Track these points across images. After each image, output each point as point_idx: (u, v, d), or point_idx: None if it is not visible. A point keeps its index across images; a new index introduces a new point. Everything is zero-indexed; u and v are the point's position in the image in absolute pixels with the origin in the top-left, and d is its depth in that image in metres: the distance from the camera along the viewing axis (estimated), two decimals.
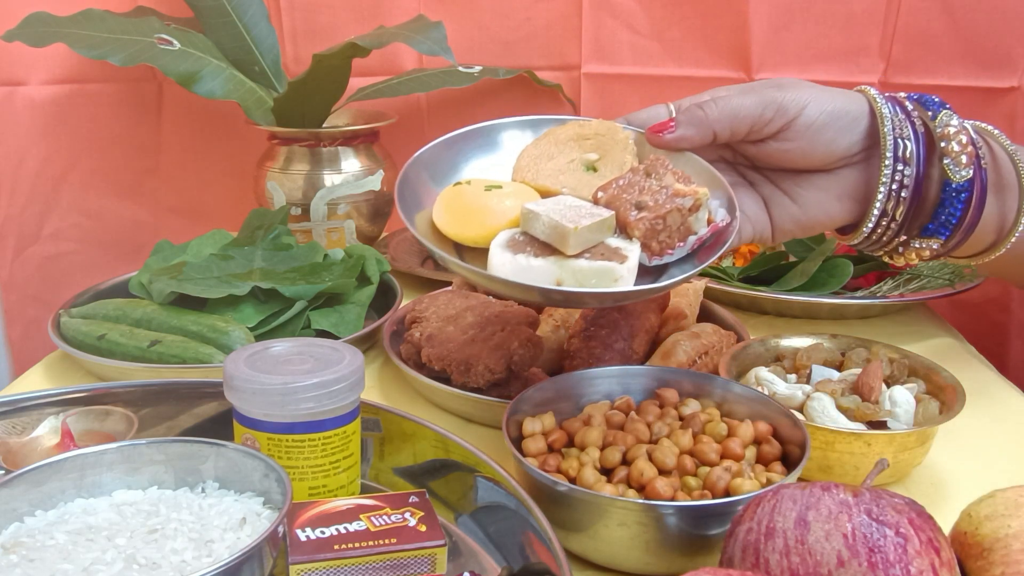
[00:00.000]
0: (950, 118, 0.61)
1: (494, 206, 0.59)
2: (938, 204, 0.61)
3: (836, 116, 0.61)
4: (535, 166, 0.63)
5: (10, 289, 1.07)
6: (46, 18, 0.94)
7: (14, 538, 0.45)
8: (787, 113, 0.60)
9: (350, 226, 1.01)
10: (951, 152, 0.60)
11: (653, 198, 0.57)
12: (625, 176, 0.59)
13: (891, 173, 0.61)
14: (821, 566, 0.40)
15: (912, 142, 0.61)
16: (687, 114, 0.61)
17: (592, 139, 0.63)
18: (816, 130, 0.61)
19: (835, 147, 0.61)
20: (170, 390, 0.63)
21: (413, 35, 0.94)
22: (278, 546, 0.45)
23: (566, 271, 0.55)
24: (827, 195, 0.63)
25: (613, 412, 0.58)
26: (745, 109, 0.60)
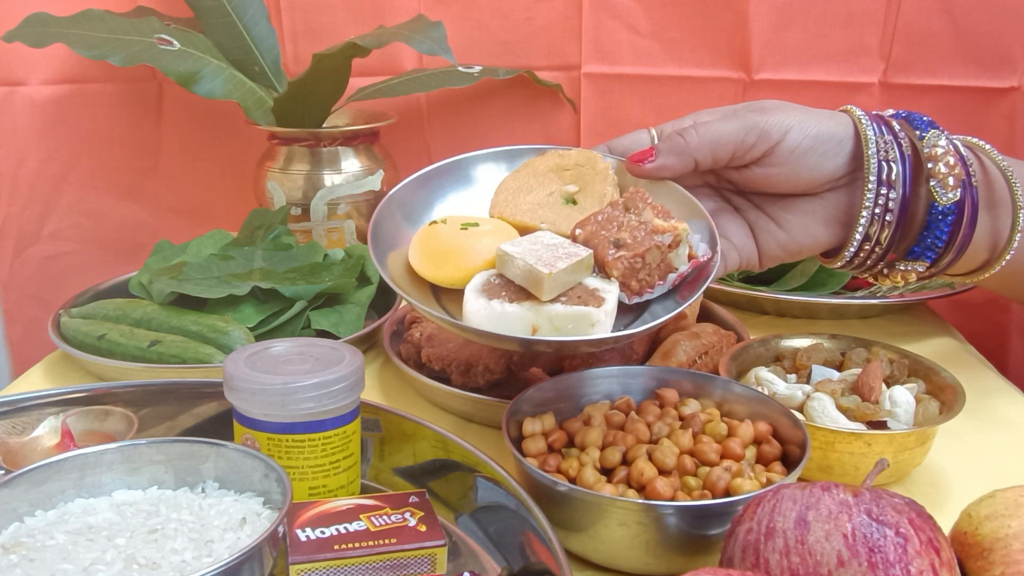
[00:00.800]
0: (937, 138, 0.60)
1: (470, 246, 0.57)
2: (924, 227, 0.60)
3: (820, 140, 0.60)
4: (513, 200, 0.61)
5: (10, 289, 1.07)
6: (46, 18, 0.94)
7: (14, 538, 0.45)
8: (770, 138, 0.59)
9: (350, 226, 1.01)
10: (938, 174, 0.59)
11: (632, 235, 0.56)
12: (604, 211, 0.58)
13: (874, 197, 0.60)
14: (821, 566, 0.40)
15: (898, 164, 0.60)
16: (667, 142, 0.60)
17: (572, 170, 0.62)
18: (800, 155, 0.60)
19: (820, 171, 0.60)
20: (170, 390, 0.63)
21: (413, 35, 0.94)
22: (278, 546, 0.45)
23: (542, 317, 0.53)
24: (813, 219, 0.62)
25: (613, 412, 0.58)
26: (727, 135, 0.59)
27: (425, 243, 0.59)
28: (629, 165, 0.61)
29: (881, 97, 1.01)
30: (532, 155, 0.64)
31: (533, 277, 0.53)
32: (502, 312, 0.53)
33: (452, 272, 0.57)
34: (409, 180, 0.63)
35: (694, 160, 0.60)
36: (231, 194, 1.15)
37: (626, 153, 0.62)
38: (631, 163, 0.61)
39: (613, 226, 0.57)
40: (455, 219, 0.60)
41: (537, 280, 0.53)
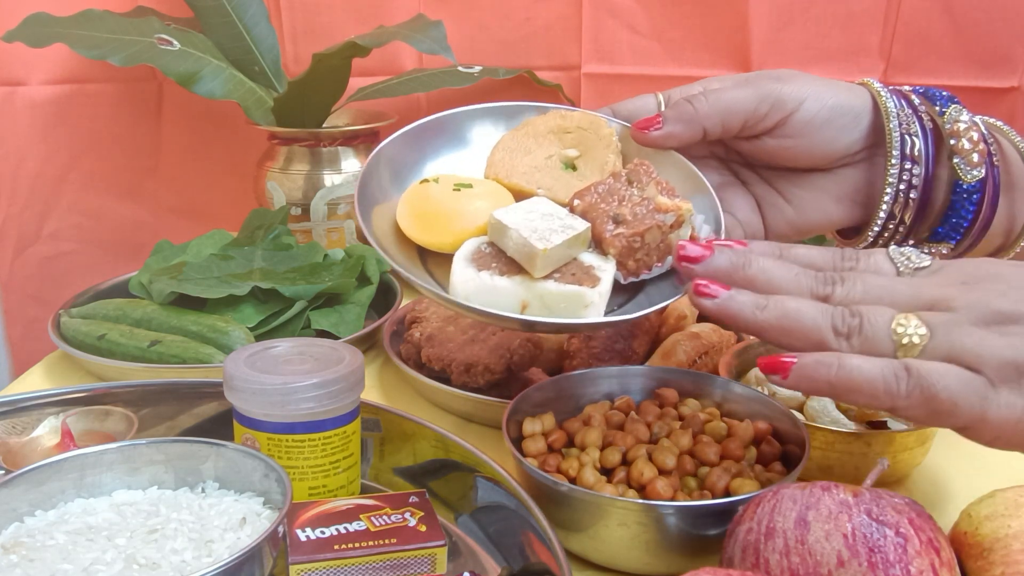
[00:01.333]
0: (959, 113, 0.57)
1: (463, 208, 0.54)
2: (948, 206, 0.57)
3: (837, 112, 0.57)
4: (510, 161, 0.58)
5: (10, 289, 1.07)
6: (46, 19, 0.94)
7: (14, 538, 0.45)
8: (784, 107, 0.56)
9: (350, 226, 1.01)
10: (961, 150, 0.56)
11: (632, 211, 0.53)
12: (605, 182, 0.55)
13: (898, 173, 0.57)
14: (821, 566, 0.40)
15: (920, 139, 0.57)
16: (675, 109, 0.57)
17: (573, 132, 0.59)
18: (815, 127, 0.57)
19: (836, 145, 0.58)
20: (170, 390, 0.63)
21: (413, 34, 0.94)
22: (278, 546, 0.45)
23: (533, 294, 0.51)
24: (825, 196, 0.60)
25: (613, 412, 0.58)
26: (739, 103, 0.56)
27: (414, 203, 0.56)
28: (634, 132, 0.58)
29: None
30: (532, 113, 0.61)
31: (526, 251, 0.50)
32: (491, 286, 0.51)
33: (442, 236, 0.55)
34: (400, 134, 0.59)
35: (703, 129, 0.57)
36: (231, 194, 1.15)
37: (631, 118, 0.59)
38: (636, 130, 0.58)
39: (614, 200, 0.54)
40: (447, 178, 0.57)
41: (531, 255, 0.50)
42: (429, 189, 0.56)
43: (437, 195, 0.55)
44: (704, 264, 0.48)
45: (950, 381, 0.41)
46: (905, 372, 0.41)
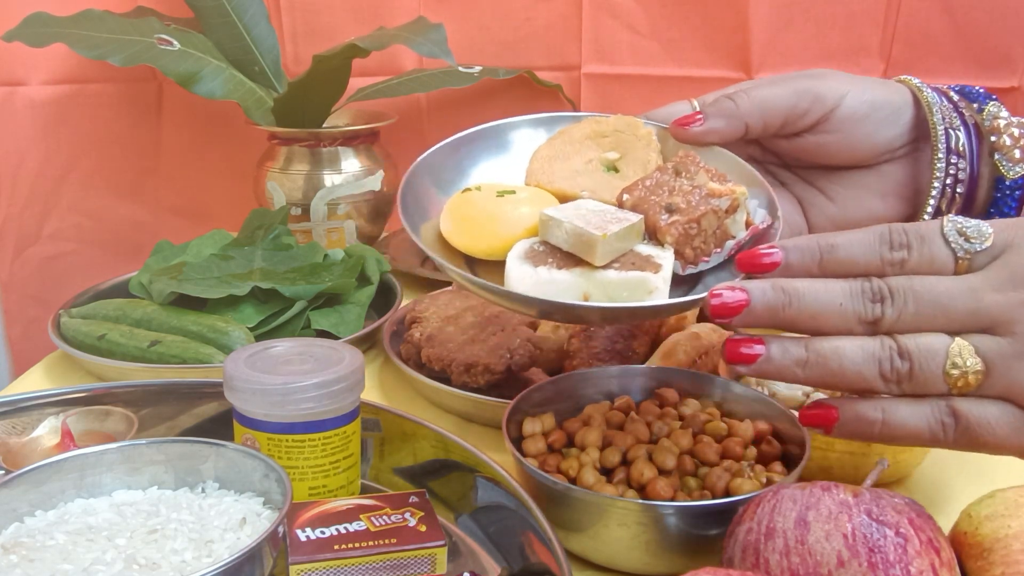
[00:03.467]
0: (999, 110, 0.57)
1: (508, 214, 0.54)
2: (991, 203, 0.57)
3: (877, 106, 0.57)
4: (549, 168, 0.58)
5: (10, 289, 1.07)
6: (46, 18, 0.94)
7: (14, 538, 0.45)
8: (825, 103, 0.56)
9: (350, 226, 1.01)
10: (1002, 146, 0.55)
11: (685, 199, 0.52)
12: (652, 176, 0.55)
13: (944, 167, 0.56)
14: (821, 566, 0.40)
15: (963, 134, 0.56)
16: (716, 106, 0.57)
17: (610, 136, 0.59)
18: (856, 121, 0.56)
19: (877, 139, 0.57)
20: (170, 390, 0.63)
21: (413, 37, 0.94)
22: (278, 546, 0.45)
23: (594, 284, 0.50)
24: (869, 192, 0.59)
25: (613, 412, 0.58)
26: (779, 99, 0.56)
27: (459, 211, 0.55)
28: (674, 129, 0.57)
29: None
30: (568, 122, 0.61)
31: (584, 241, 0.50)
32: (550, 279, 0.50)
33: (490, 242, 0.54)
34: (441, 145, 0.60)
35: (744, 125, 0.56)
36: (231, 194, 1.15)
37: (666, 123, 0.58)
38: (676, 127, 0.57)
39: (663, 191, 0.54)
40: (490, 186, 0.56)
41: (589, 243, 0.49)
42: (473, 197, 0.55)
43: (481, 202, 0.55)
44: (742, 316, 0.45)
45: (999, 429, 0.40)
46: (952, 419, 0.41)
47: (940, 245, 0.43)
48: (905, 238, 0.44)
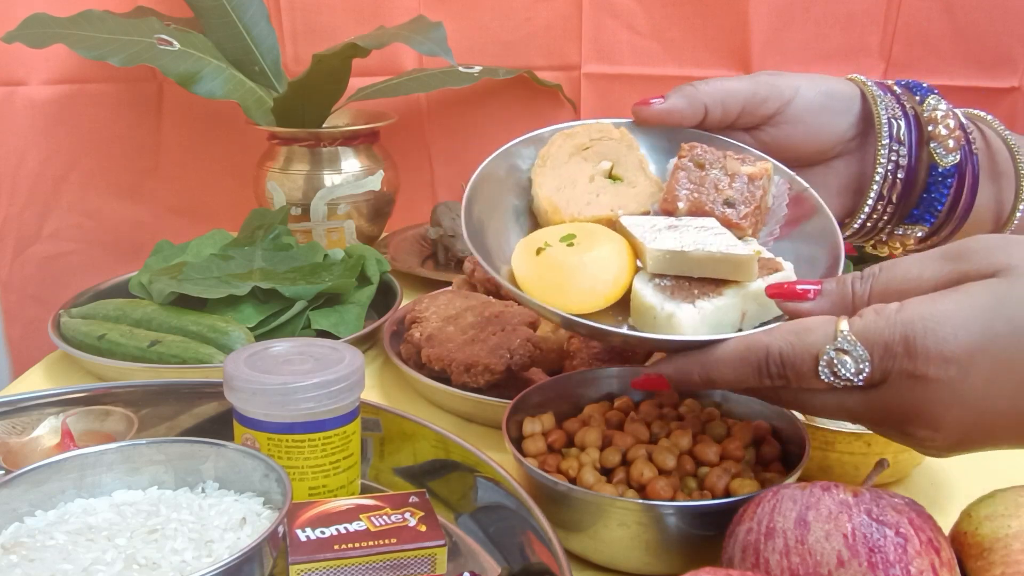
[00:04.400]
0: (938, 102, 0.60)
1: (589, 266, 0.52)
2: (924, 189, 0.60)
3: (831, 96, 0.60)
4: (565, 201, 0.57)
5: (10, 289, 1.07)
6: (46, 19, 0.94)
7: (14, 538, 0.45)
8: (782, 94, 0.58)
9: (350, 226, 1.01)
10: (938, 136, 0.59)
11: (737, 190, 0.55)
12: (677, 177, 0.56)
13: (887, 153, 0.59)
14: (821, 566, 0.40)
15: (903, 123, 0.60)
16: (676, 89, 0.59)
17: (591, 147, 0.60)
18: (813, 112, 0.59)
19: (832, 130, 0.60)
20: (170, 390, 0.63)
21: (413, 35, 0.94)
22: (278, 546, 0.45)
23: (748, 299, 0.50)
24: (825, 191, 0.61)
25: (613, 412, 0.58)
26: (737, 87, 0.58)
27: (542, 274, 0.53)
28: (636, 108, 0.59)
29: None
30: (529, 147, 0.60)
31: (733, 262, 0.50)
32: (713, 309, 0.49)
33: (589, 298, 0.52)
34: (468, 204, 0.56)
35: (704, 106, 0.58)
36: (231, 194, 1.15)
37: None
38: (638, 106, 0.59)
39: (708, 188, 0.55)
40: (551, 234, 0.54)
41: (739, 263, 0.49)
42: (550, 256, 0.53)
43: (560, 259, 0.53)
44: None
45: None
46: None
47: (814, 380, 0.45)
48: (781, 371, 0.45)
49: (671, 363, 0.49)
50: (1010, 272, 0.41)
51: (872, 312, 0.43)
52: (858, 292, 0.46)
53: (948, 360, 0.41)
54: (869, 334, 0.43)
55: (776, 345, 0.45)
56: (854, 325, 0.43)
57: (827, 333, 0.44)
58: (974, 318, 0.41)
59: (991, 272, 0.42)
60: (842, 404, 0.45)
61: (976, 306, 0.41)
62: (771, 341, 0.45)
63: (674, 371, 0.49)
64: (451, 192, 1.15)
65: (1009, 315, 0.40)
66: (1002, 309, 0.40)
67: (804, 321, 0.46)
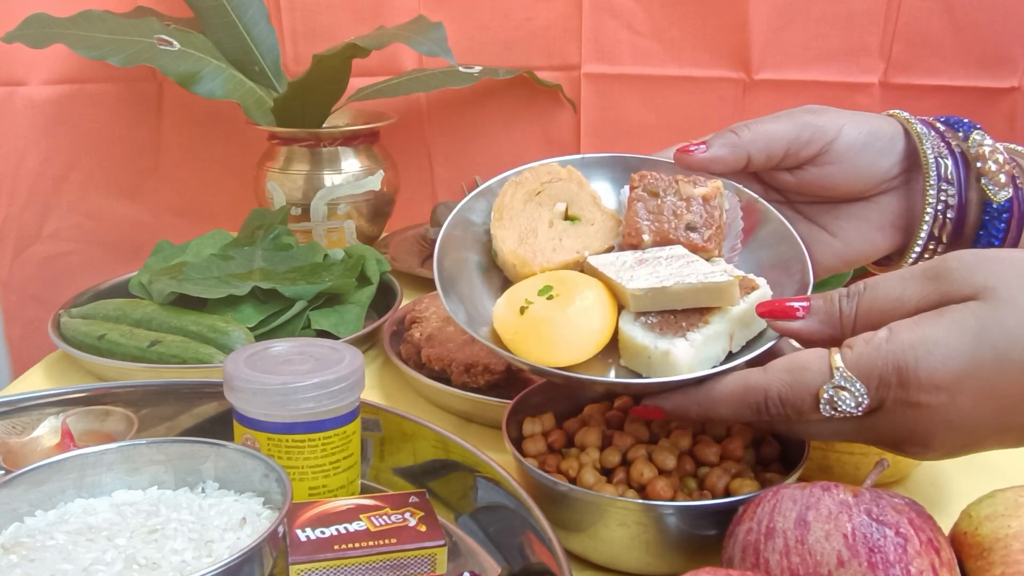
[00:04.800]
0: (983, 138, 0.58)
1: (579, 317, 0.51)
2: (980, 226, 0.58)
3: (874, 136, 0.58)
4: (531, 251, 0.56)
5: (10, 289, 1.07)
6: (46, 19, 0.94)
7: (14, 538, 0.45)
8: (825, 135, 0.57)
9: (350, 226, 1.01)
10: (989, 172, 0.57)
11: (696, 215, 0.55)
12: (634, 209, 0.56)
13: (936, 193, 0.58)
14: (821, 566, 0.40)
15: (950, 161, 0.58)
16: (719, 135, 0.58)
17: (543, 190, 0.59)
18: (856, 152, 0.58)
19: (875, 169, 0.59)
20: (170, 390, 0.63)
21: (413, 36, 0.94)
22: (278, 546, 0.45)
23: (734, 322, 0.51)
24: (869, 225, 0.60)
25: (613, 412, 0.58)
26: (780, 132, 0.57)
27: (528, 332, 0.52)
28: (678, 156, 0.58)
29: (881, 97, 1.00)
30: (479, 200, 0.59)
31: (714, 290, 0.50)
32: (704, 341, 0.50)
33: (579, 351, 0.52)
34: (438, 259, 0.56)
35: (747, 155, 0.57)
36: (231, 194, 1.15)
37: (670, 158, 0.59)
38: (680, 154, 0.58)
39: (666, 215, 0.55)
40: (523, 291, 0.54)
41: (721, 290, 0.50)
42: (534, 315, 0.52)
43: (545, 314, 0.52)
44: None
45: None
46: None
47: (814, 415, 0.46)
48: (781, 410, 0.47)
49: (668, 400, 0.50)
50: (990, 295, 0.43)
51: (862, 343, 0.45)
52: (845, 311, 0.47)
53: (938, 387, 0.43)
54: (863, 367, 0.44)
55: (775, 387, 0.46)
56: (847, 358, 0.45)
57: (823, 371, 0.45)
58: (961, 346, 0.42)
59: (971, 293, 0.43)
60: (837, 431, 0.47)
61: (963, 332, 0.42)
62: (769, 383, 0.46)
63: (672, 407, 0.50)
64: (451, 192, 1.15)
65: (992, 341, 0.42)
66: (985, 335, 0.42)
67: (796, 358, 0.47)
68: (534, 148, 1.11)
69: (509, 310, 0.53)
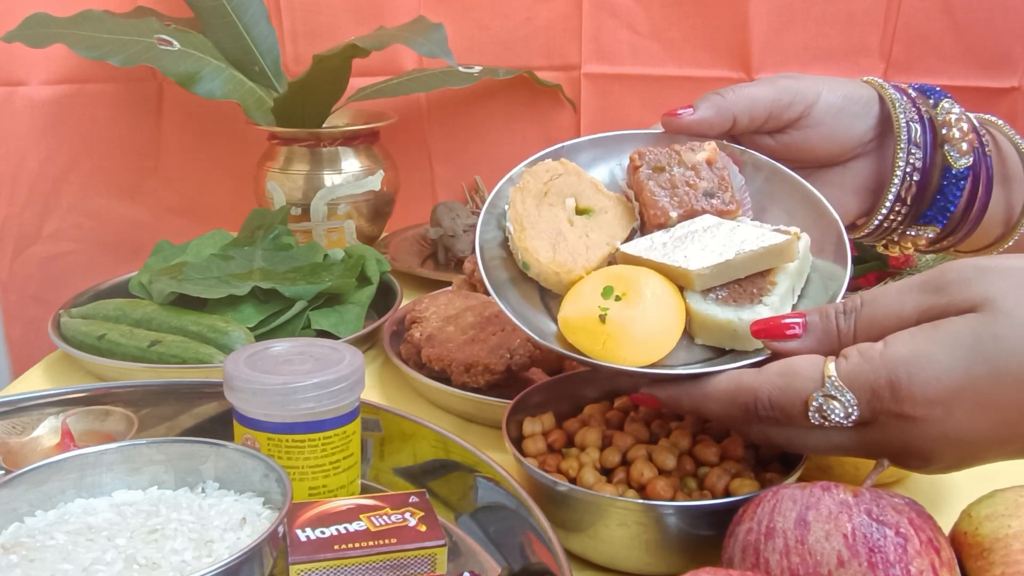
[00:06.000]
0: (952, 106, 0.61)
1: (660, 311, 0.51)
2: (938, 190, 0.61)
3: (850, 99, 0.60)
4: (569, 256, 0.55)
5: (10, 289, 1.07)
6: (46, 19, 0.94)
7: (14, 538, 0.45)
8: (806, 98, 0.59)
9: (350, 226, 1.01)
10: (952, 139, 0.60)
11: (708, 181, 0.56)
12: (651, 189, 0.56)
13: (905, 156, 0.60)
14: (821, 566, 0.40)
15: (919, 125, 0.60)
16: (704, 99, 0.59)
17: (550, 190, 0.57)
18: (835, 114, 0.60)
19: (852, 132, 0.61)
20: (170, 390, 0.63)
21: (413, 36, 0.94)
22: (278, 546, 0.45)
23: (793, 276, 0.52)
24: (842, 190, 0.62)
25: (613, 412, 0.58)
26: (762, 94, 0.59)
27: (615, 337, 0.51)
28: (666, 120, 0.60)
29: None
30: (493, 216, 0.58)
31: (776, 252, 0.51)
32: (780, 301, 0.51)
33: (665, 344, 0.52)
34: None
35: (732, 116, 0.59)
36: (231, 194, 1.15)
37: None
38: (668, 117, 0.60)
39: (681, 187, 0.56)
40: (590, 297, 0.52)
41: (783, 249, 0.51)
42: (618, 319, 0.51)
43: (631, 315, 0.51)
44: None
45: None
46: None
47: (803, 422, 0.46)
48: (770, 412, 0.47)
49: (664, 390, 0.50)
50: (988, 307, 0.42)
51: (857, 354, 0.45)
52: (843, 329, 0.47)
53: (932, 402, 0.43)
54: (855, 378, 0.44)
55: (765, 390, 0.46)
56: (840, 368, 0.44)
57: (814, 378, 0.45)
58: (956, 360, 0.42)
59: (970, 306, 0.43)
60: (832, 442, 0.47)
61: (958, 346, 0.42)
62: (760, 385, 0.46)
63: (666, 398, 0.50)
64: (451, 192, 1.15)
65: (988, 355, 0.42)
66: (981, 349, 0.42)
67: (791, 363, 0.47)
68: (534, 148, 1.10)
69: (586, 320, 0.51)
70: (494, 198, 0.58)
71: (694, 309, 0.52)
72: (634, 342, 0.51)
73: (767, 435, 0.49)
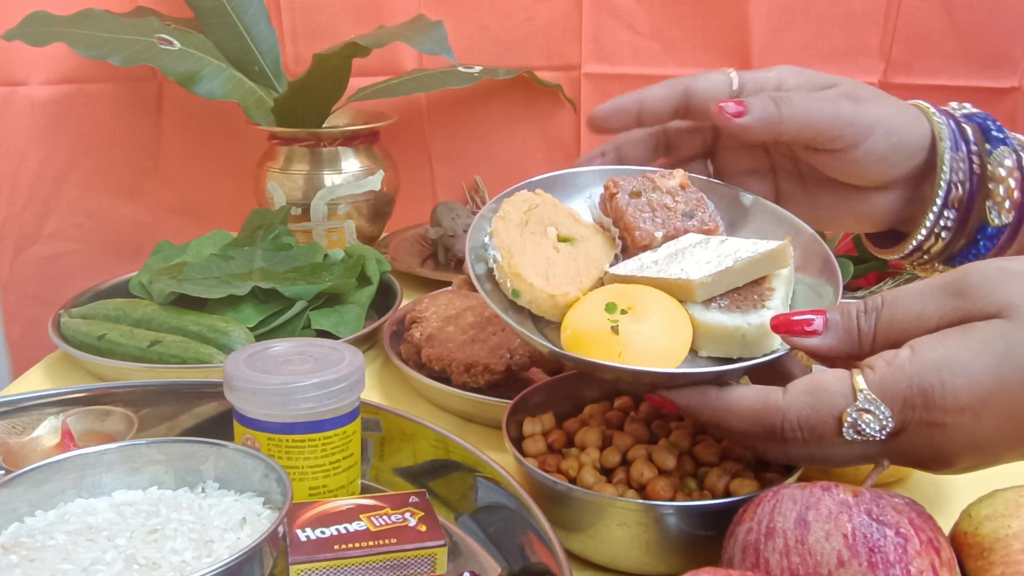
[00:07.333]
0: (1004, 157, 0.56)
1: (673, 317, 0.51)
2: (971, 242, 0.58)
3: (896, 150, 0.57)
4: (564, 281, 0.55)
5: (10, 289, 1.07)
6: (46, 18, 0.94)
7: (14, 538, 0.45)
8: (855, 136, 0.56)
9: (350, 226, 1.01)
10: (996, 196, 0.56)
11: (684, 202, 0.57)
12: (631, 214, 0.56)
13: (935, 219, 0.57)
14: (821, 566, 0.40)
15: (964, 190, 0.57)
16: (761, 107, 0.55)
17: (530, 220, 0.57)
18: (875, 160, 0.56)
19: (884, 178, 0.58)
20: (170, 390, 0.63)
21: (413, 35, 0.94)
22: (278, 546, 0.45)
23: (787, 282, 0.53)
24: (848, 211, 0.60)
25: (613, 412, 0.58)
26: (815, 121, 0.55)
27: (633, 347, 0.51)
28: (718, 111, 0.56)
29: None
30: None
31: (771, 257, 0.52)
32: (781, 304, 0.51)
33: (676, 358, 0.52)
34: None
35: (777, 135, 0.56)
36: (231, 194, 1.15)
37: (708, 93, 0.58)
38: (720, 108, 0.56)
39: (660, 210, 0.57)
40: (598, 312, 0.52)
41: (778, 254, 0.52)
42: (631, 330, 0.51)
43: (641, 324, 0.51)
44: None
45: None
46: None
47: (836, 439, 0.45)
48: (798, 433, 0.45)
49: (684, 396, 0.49)
50: (1014, 312, 0.42)
51: (884, 364, 0.44)
52: (864, 329, 0.46)
53: (963, 409, 0.42)
54: (887, 388, 0.43)
55: (794, 410, 0.45)
56: (869, 380, 0.44)
57: (845, 393, 0.44)
58: (986, 367, 0.42)
59: (994, 311, 0.42)
60: (856, 454, 0.46)
61: (988, 352, 0.42)
62: (789, 405, 0.45)
63: (685, 405, 0.49)
64: (451, 192, 1.15)
65: (1018, 362, 0.41)
66: (1010, 355, 0.41)
67: (817, 380, 0.45)
68: (534, 148, 1.12)
69: (598, 333, 0.51)
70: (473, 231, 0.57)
71: (699, 320, 0.51)
72: (650, 350, 0.50)
73: (786, 452, 0.48)
